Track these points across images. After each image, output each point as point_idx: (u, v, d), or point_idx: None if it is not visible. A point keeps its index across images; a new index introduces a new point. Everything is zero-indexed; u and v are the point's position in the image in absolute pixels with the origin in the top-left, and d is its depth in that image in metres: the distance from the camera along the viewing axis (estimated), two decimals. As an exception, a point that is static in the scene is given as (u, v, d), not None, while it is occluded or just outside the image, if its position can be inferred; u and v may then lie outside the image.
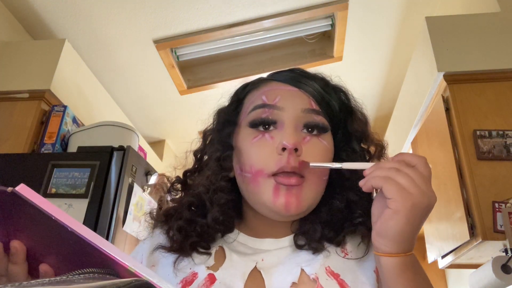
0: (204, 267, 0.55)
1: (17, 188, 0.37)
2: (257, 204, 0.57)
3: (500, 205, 1.37)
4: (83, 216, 1.46)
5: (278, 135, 0.56)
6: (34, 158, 1.68)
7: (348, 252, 0.57)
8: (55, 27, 2.22)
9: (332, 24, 2.42)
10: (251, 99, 0.61)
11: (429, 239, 1.86)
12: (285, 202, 0.53)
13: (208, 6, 2.19)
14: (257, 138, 0.57)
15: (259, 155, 0.56)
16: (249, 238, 0.60)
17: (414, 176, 0.46)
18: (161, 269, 0.58)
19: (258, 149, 0.56)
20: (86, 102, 2.21)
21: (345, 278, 0.52)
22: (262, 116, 0.57)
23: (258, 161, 0.55)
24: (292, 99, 0.58)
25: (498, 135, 1.50)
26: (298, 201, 0.54)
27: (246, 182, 0.57)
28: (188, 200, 0.61)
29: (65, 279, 0.29)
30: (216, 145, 0.62)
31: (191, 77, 2.75)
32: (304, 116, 0.57)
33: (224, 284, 0.53)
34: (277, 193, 0.54)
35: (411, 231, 0.47)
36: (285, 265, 0.55)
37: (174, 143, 3.50)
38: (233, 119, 0.63)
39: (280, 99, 0.58)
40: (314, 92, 0.59)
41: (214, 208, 0.58)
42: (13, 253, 0.44)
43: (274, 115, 0.57)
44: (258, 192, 0.55)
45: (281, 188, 0.54)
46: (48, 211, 0.36)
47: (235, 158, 0.61)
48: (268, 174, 0.55)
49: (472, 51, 1.69)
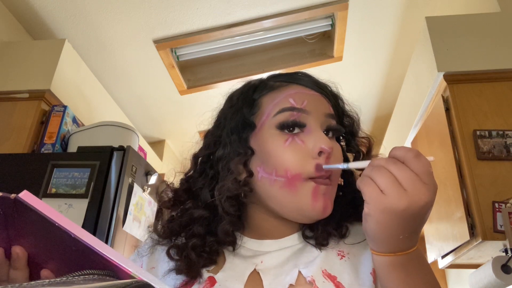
0: (205, 270, 0.56)
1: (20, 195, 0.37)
2: (287, 208, 0.56)
3: (500, 205, 1.37)
4: (83, 216, 1.46)
5: (309, 139, 0.56)
6: (34, 158, 1.68)
7: (345, 254, 0.57)
8: (55, 27, 2.22)
9: (332, 24, 2.42)
10: (273, 101, 0.60)
11: (429, 239, 1.86)
12: (323, 205, 0.54)
13: (208, 6, 2.19)
14: (288, 141, 0.56)
15: (295, 159, 0.55)
16: (249, 240, 0.61)
17: (398, 174, 0.43)
18: (161, 270, 0.59)
19: (293, 153, 0.55)
20: (86, 102, 2.21)
21: (341, 281, 0.52)
22: (291, 119, 0.57)
23: (294, 165, 0.54)
24: (316, 104, 0.59)
25: (498, 135, 1.50)
26: (331, 202, 0.56)
27: (278, 186, 0.55)
28: (200, 214, 0.59)
29: (65, 280, 0.29)
30: (235, 148, 0.59)
31: (191, 77, 2.75)
32: (326, 120, 0.59)
33: (224, 286, 0.54)
34: (315, 197, 0.54)
35: (389, 234, 0.44)
36: (283, 267, 0.56)
37: (174, 143, 3.50)
38: (251, 120, 0.60)
39: (307, 103, 0.58)
40: (332, 98, 0.63)
41: (225, 222, 0.57)
42: (14, 259, 0.44)
43: (303, 119, 0.57)
44: (295, 196, 0.54)
45: (319, 191, 0.54)
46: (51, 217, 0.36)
47: (256, 161, 0.58)
48: (305, 178, 0.54)
49: (472, 51, 1.69)
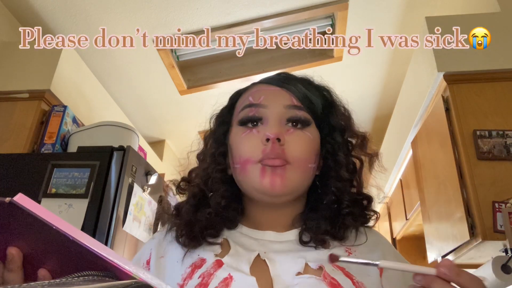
0: (212, 254, 0.59)
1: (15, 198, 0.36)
2: (248, 189, 0.63)
3: (500, 205, 1.37)
4: (83, 216, 1.46)
5: (263, 129, 0.63)
6: (34, 158, 1.68)
7: (352, 252, 0.60)
8: (55, 27, 2.22)
9: (332, 24, 2.42)
10: (241, 101, 0.68)
11: (429, 239, 1.86)
12: (270, 181, 0.59)
13: (208, 6, 2.19)
14: (245, 133, 0.63)
15: (247, 147, 0.62)
16: (251, 230, 0.64)
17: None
18: (170, 259, 0.61)
19: (246, 142, 0.62)
20: (86, 102, 2.21)
21: (350, 271, 0.56)
22: (249, 114, 0.64)
23: (245, 152, 0.61)
24: (275, 97, 0.65)
25: (498, 135, 1.50)
26: (283, 180, 0.59)
27: (237, 172, 0.63)
28: (192, 191, 0.67)
29: (64, 282, 0.29)
30: (212, 143, 0.70)
31: (191, 77, 2.75)
32: (287, 111, 0.63)
33: (231, 267, 0.56)
34: (263, 174, 0.59)
35: None
36: (289, 255, 0.58)
37: (174, 143, 3.50)
38: (227, 120, 0.70)
39: (264, 98, 0.64)
40: (296, 90, 0.65)
41: (215, 195, 0.64)
42: (9, 260, 0.43)
43: (260, 113, 0.64)
44: (248, 177, 0.61)
45: (267, 170, 0.59)
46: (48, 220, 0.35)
47: (230, 155, 0.66)
48: (255, 161, 0.60)
49: (472, 51, 1.69)
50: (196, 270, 0.57)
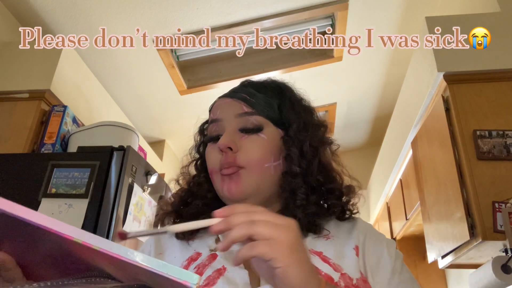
0: (208, 249, 0.64)
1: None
2: (220, 196, 0.67)
3: (500, 205, 1.37)
4: (83, 216, 1.46)
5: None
6: (34, 158, 1.68)
7: (330, 236, 0.63)
8: (55, 27, 2.22)
9: (332, 24, 2.42)
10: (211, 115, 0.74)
11: (429, 239, 1.86)
12: (227, 188, 0.64)
13: (208, 6, 2.19)
14: (211, 146, 0.69)
15: (210, 159, 0.68)
16: None
17: (264, 218, 0.44)
18: (168, 255, 0.66)
19: (209, 155, 0.68)
20: (86, 102, 2.21)
21: (327, 254, 0.59)
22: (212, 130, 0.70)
23: (210, 163, 0.68)
24: (227, 109, 0.69)
25: (498, 135, 1.50)
26: (237, 185, 0.63)
27: (212, 182, 0.69)
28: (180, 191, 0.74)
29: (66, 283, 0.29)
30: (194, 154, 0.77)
31: (191, 77, 2.75)
32: (239, 120, 0.67)
33: (225, 258, 0.60)
34: (222, 183, 0.65)
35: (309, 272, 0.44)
36: None
37: (174, 143, 3.50)
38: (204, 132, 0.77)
39: (219, 111, 0.69)
40: (246, 96, 0.68)
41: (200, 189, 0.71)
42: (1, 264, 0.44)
43: (219, 127, 0.69)
44: (215, 186, 0.67)
45: (224, 178, 0.65)
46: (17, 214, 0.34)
47: None
48: (217, 171, 0.66)
49: (472, 51, 1.69)
50: (192, 262, 0.62)
